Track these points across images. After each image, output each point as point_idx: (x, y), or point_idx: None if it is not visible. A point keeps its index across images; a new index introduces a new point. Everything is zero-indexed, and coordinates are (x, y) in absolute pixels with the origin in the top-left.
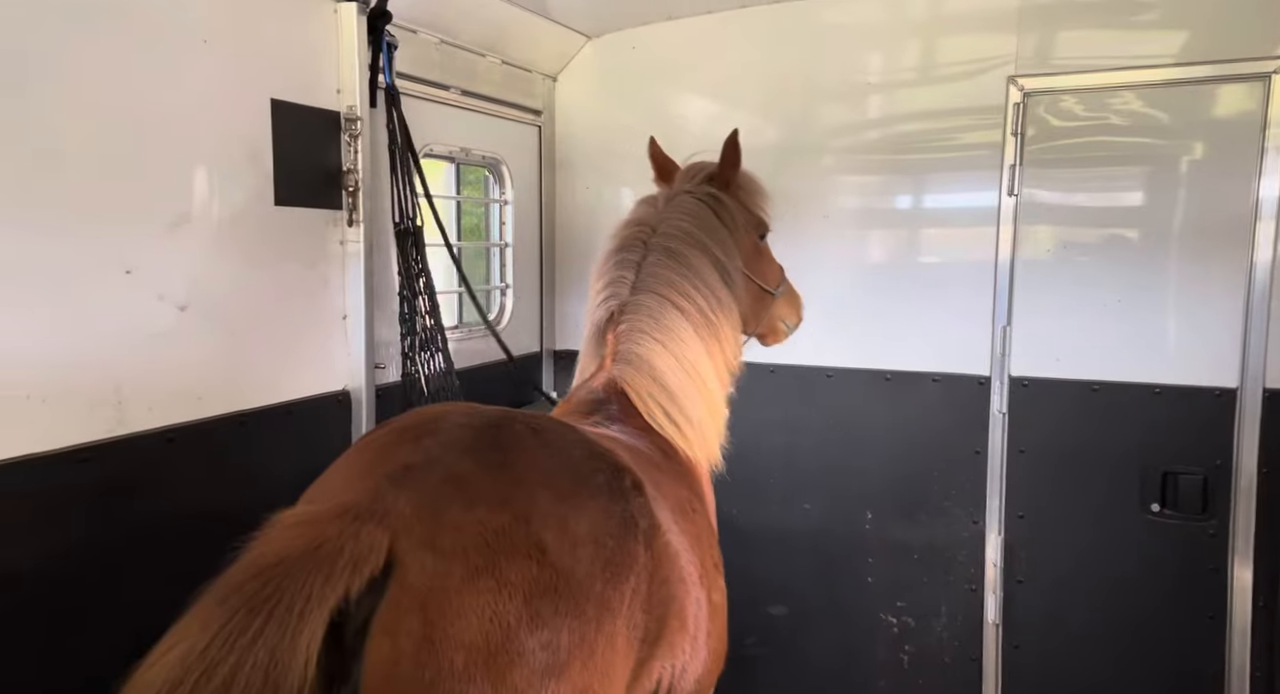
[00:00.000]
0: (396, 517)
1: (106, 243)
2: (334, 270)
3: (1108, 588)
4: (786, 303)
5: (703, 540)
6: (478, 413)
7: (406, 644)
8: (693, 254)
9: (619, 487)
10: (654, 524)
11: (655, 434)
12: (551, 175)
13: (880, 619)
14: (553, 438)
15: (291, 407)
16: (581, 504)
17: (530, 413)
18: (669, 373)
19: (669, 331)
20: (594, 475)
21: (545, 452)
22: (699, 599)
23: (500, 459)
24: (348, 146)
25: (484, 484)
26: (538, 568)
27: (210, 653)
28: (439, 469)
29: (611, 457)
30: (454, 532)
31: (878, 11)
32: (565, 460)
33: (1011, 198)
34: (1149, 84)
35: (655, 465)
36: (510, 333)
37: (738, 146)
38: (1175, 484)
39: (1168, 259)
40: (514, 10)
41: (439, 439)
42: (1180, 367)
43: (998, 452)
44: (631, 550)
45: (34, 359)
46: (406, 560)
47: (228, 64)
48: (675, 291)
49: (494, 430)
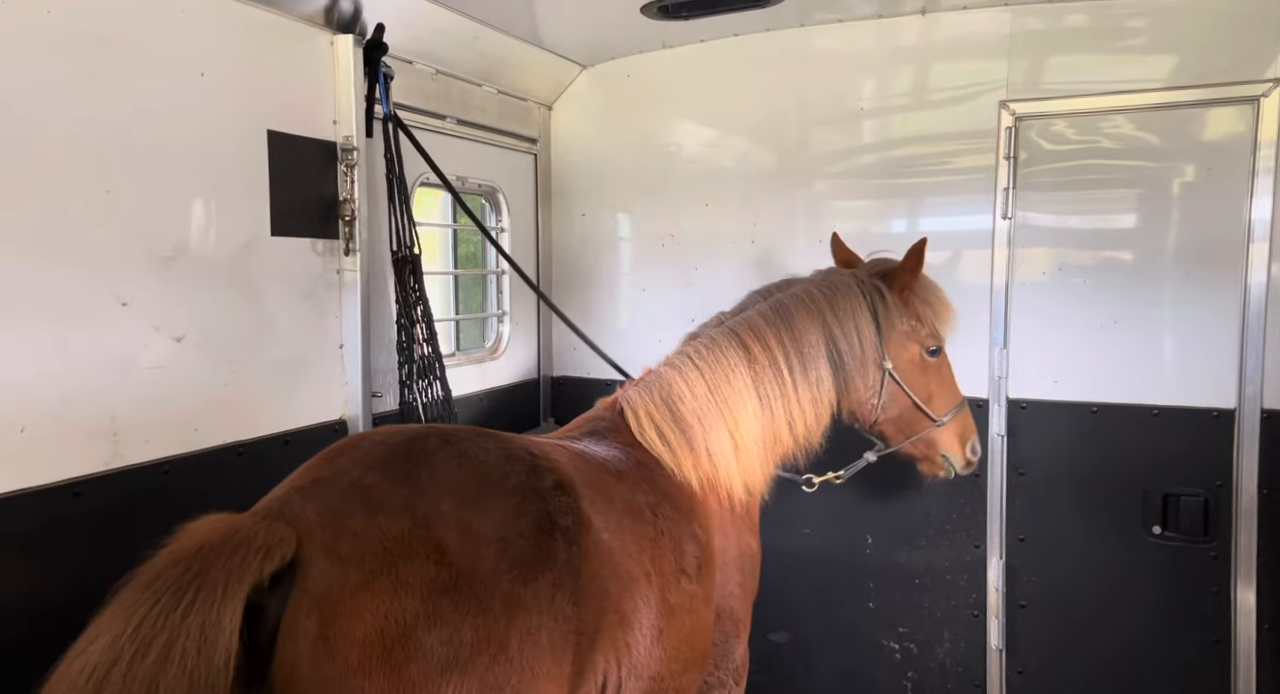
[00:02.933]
0: (303, 521)
1: (103, 274)
2: (330, 299)
3: (1111, 611)
4: (953, 436)
5: (662, 543)
6: (399, 432)
7: (305, 644)
8: (801, 316)
9: (535, 487)
10: (581, 522)
11: (640, 449)
12: (547, 203)
13: (883, 645)
14: (466, 447)
15: (289, 436)
16: (487, 506)
17: (452, 426)
18: (687, 398)
19: (718, 364)
20: (506, 478)
21: (455, 461)
22: (647, 598)
23: (408, 471)
24: (344, 176)
25: (387, 494)
26: (436, 569)
27: (142, 632)
28: (345, 481)
29: (532, 460)
30: (353, 538)
31: (869, 38)
32: (476, 467)
33: (1006, 221)
34: (1139, 107)
35: (615, 472)
36: (507, 360)
37: (921, 255)
38: (1176, 506)
39: (1163, 280)
40: (509, 41)
41: (353, 457)
42: (1178, 388)
43: (997, 474)
44: (547, 548)
45: (29, 392)
46: (308, 565)
47: (225, 96)
48: (754, 336)
49: (407, 446)
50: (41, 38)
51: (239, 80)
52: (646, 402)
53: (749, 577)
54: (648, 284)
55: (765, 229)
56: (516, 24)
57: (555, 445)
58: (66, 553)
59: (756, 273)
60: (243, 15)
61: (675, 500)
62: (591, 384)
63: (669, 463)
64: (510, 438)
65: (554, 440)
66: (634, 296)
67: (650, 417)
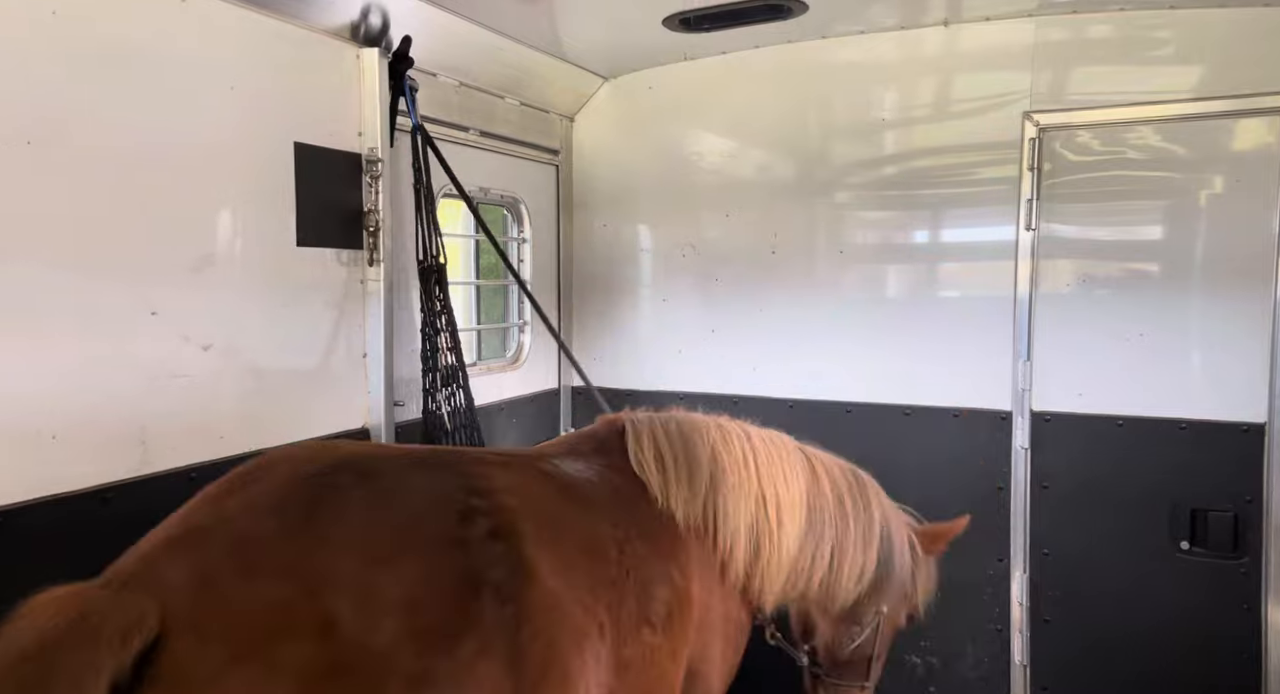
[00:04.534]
0: (168, 588)
1: (134, 284)
2: (354, 309)
3: (1138, 628)
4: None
5: (624, 587)
6: (312, 460)
7: None
8: (870, 497)
9: (461, 537)
10: (522, 572)
11: (625, 473)
12: (569, 214)
13: (904, 659)
14: (386, 485)
15: None
16: (398, 564)
17: (383, 452)
18: (712, 447)
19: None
20: (426, 526)
21: (369, 503)
22: (597, 653)
23: (306, 518)
24: (369, 187)
25: (274, 549)
26: (318, 647)
27: None
28: (226, 532)
29: (465, 501)
30: (221, 609)
31: (891, 50)
32: (393, 513)
33: (1029, 232)
34: (1166, 119)
35: (581, 499)
36: (528, 370)
37: (948, 538)
38: (1205, 521)
39: (1190, 292)
40: (532, 53)
41: (246, 497)
42: (1206, 401)
43: (1021, 487)
44: (470, 609)
45: (61, 399)
46: (169, 641)
47: (253, 109)
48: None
49: (314, 483)
50: (77, 52)
51: (267, 93)
52: (655, 425)
53: (731, 647)
54: (668, 294)
55: (786, 240)
56: (539, 36)
57: (514, 469)
58: (95, 558)
59: (777, 284)
60: (271, 29)
61: (653, 536)
62: (612, 394)
63: (655, 488)
64: (454, 467)
65: (523, 457)
66: (655, 307)
67: (654, 438)
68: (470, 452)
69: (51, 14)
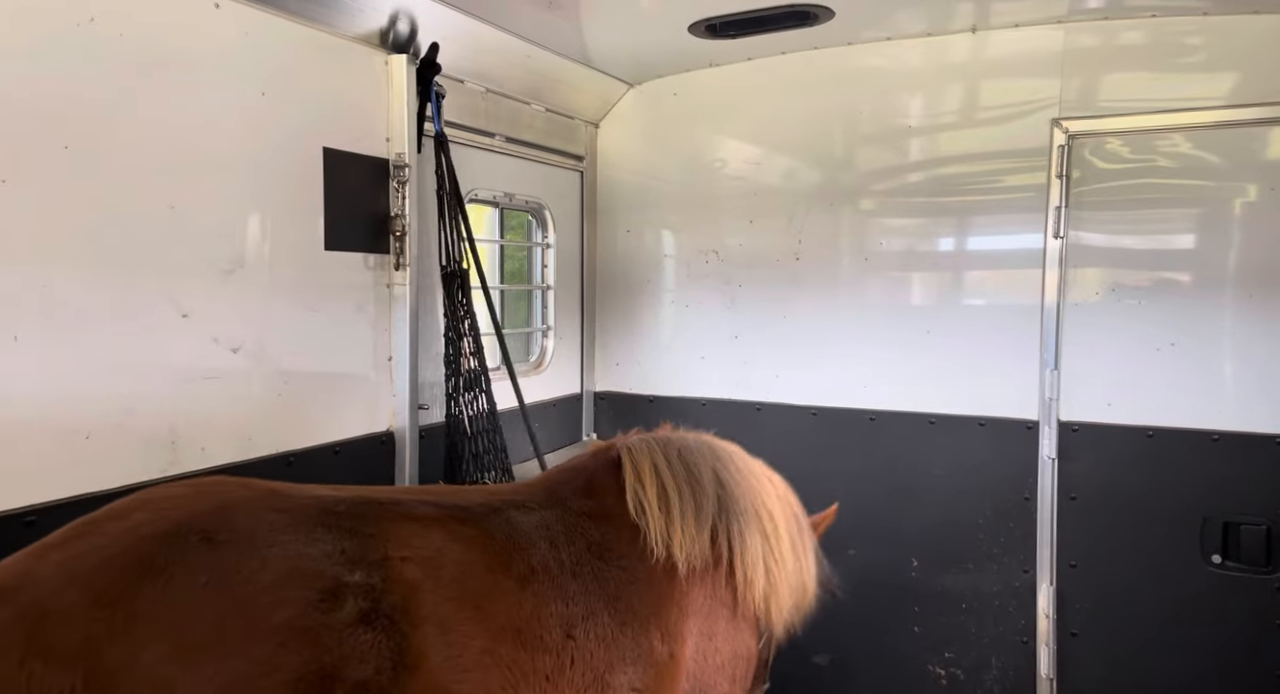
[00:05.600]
0: None
1: (166, 287)
2: (380, 313)
3: (1167, 642)
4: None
5: (567, 677)
6: (175, 510)
7: None
8: None
9: (316, 624)
10: (396, 667)
11: (608, 522)
12: (593, 219)
13: (928, 670)
14: (239, 552)
15: (338, 447)
16: (220, 655)
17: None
18: (716, 465)
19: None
20: (275, 609)
21: (205, 577)
22: None
23: (123, 589)
24: (396, 193)
25: (71, 628)
26: None
27: None
28: (24, 602)
29: (336, 576)
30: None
31: (917, 56)
32: (233, 588)
33: (1058, 240)
34: (1198, 126)
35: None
36: (551, 375)
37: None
38: (1237, 535)
39: (1222, 302)
40: (558, 60)
41: (64, 556)
42: (1239, 413)
43: (1048, 498)
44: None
45: (94, 400)
46: None
47: (283, 115)
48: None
49: (154, 542)
50: (113, 58)
51: (298, 99)
52: (656, 454)
53: (739, 683)
54: (691, 300)
55: (810, 247)
56: (566, 43)
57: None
58: None
59: (801, 290)
60: (302, 36)
61: (629, 604)
62: (634, 399)
63: (655, 535)
64: (348, 528)
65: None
66: (677, 313)
67: (656, 472)
68: (391, 501)
69: (90, 20)
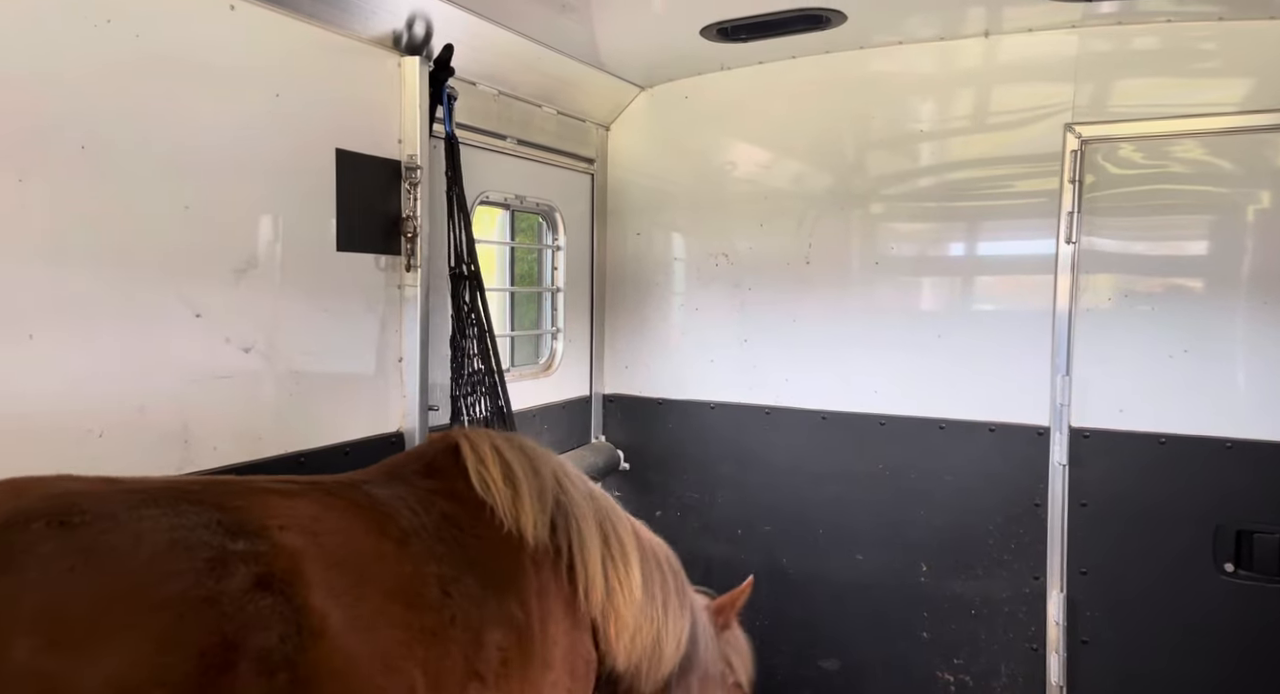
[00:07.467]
0: None
1: (179, 286)
2: (391, 314)
3: (1179, 651)
4: None
5: (448, 635)
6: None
7: None
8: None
9: (212, 593)
10: (304, 630)
11: (455, 498)
12: (603, 222)
13: (936, 677)
14: (96, 535)
15: (348, 447)
16: (101, 645)
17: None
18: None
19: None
20: (162, 583)
21: (67, 564)
22: None
23: None
24: (407, 194)
25: None
26: None
27: None
28: None
29: (222, 545)
30: None
31: (929, 60)
32: (107, 569)
33: (1070, 246)
34: (1212, 131)
35: (398, 534)
36: (560, 377)
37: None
38: (1250, 543)
39: (1235, 309)
40: (570, 63)
41: None
42: (1253, 420)
43: (1058, 505)
44: (220, 687)
45: (107, 398)
46: None
47: (296, 116)
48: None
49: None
50: (129, 60)
51: (311, 100)
52: (497, 440)
53: (581, 684)
54: (701, 304)
55: (820, 251)
56: (578, 46)
57: (305, 499)
58: None
59: (811, 294)
60: (315, 38)
61: (488, 569)
62: (644, 402)
63: (504, 508)
64: (209, 501)
65: (322, 485)
66: (687, 316)
67: (499, 453)
68: (246, 480)
69: (106, 22)
